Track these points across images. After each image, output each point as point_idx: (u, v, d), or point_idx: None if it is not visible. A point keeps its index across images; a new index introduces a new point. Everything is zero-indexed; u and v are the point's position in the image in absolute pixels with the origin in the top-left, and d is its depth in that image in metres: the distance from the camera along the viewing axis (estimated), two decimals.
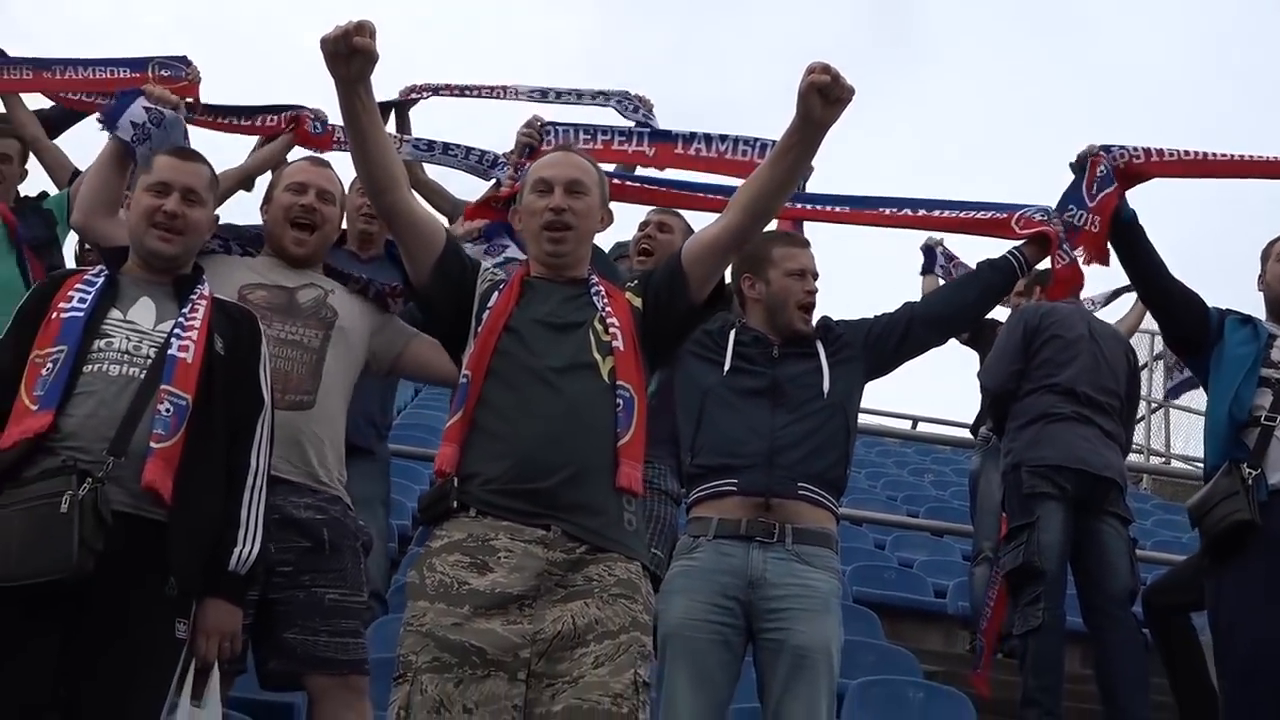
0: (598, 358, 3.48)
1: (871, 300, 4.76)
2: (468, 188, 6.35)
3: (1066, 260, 4.53)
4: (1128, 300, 7.22)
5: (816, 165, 5.53)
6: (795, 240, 4.52)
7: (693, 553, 4.20)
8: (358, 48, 3.32)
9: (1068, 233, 4.63)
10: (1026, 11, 44.62)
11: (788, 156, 3.54)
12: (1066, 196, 4.79)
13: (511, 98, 6.58)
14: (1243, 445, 4.68)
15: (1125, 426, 6.43)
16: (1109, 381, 6.20)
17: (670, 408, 4.51)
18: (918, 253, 7.28)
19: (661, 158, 5.87)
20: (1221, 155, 5.02)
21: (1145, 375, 12.69)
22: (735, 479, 4.17)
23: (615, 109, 6.51)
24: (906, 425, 15.31)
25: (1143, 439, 14.31)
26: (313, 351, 4.11)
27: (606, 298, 3.62)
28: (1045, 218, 4.55)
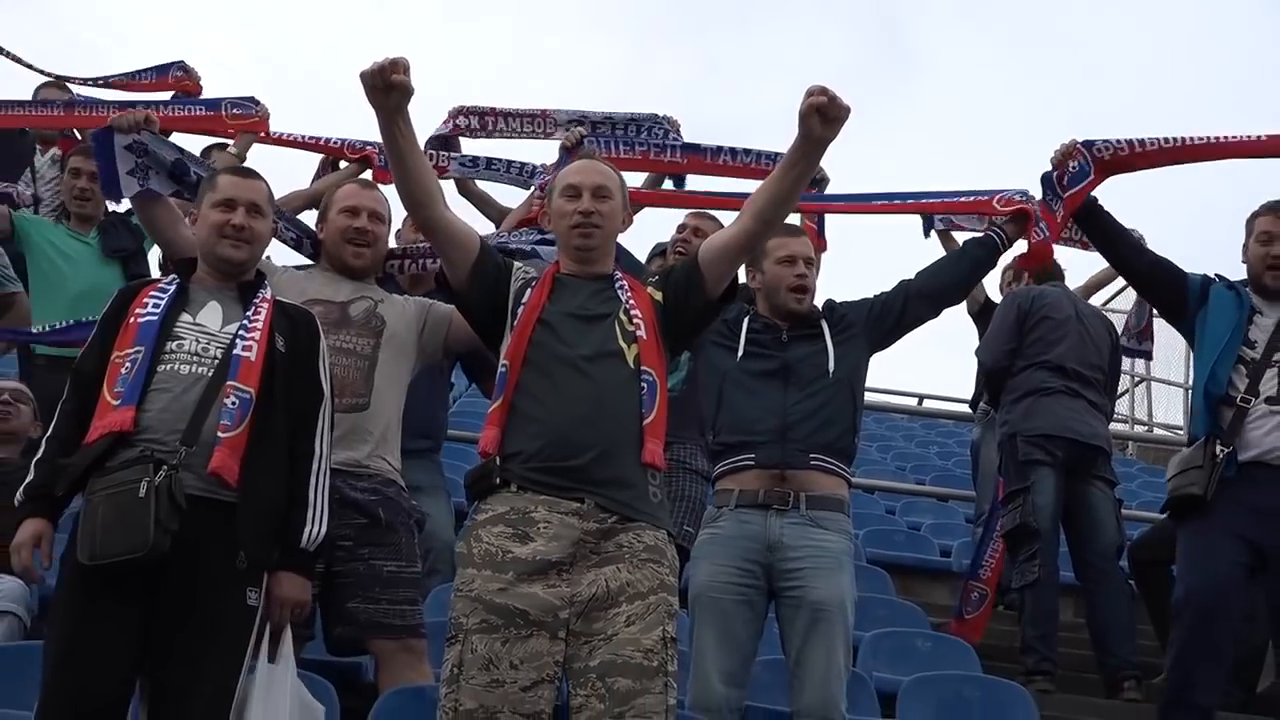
0: (623, 346, 3.47)
1: (878, 277, 4.76)
2: (514, 197, 6.34)
3: (1041, 236, 4.49)
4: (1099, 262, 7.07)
5: (831, 176, 5.61)
6: (786, 230, 4.49)
7: (717, 521, 4.19)
8: (394, 84, 3.32)
9: (1040, 209, 4.63)
10: (1013, 28, 44.33)
11: (792, 171, 3.53)
12: (1044, 187, 4.76)
13: (552, 126, 6.55)
14: (1218, 420, 4.63)
15: (1109, 398, 6.43)
16: (1094, 357, 6.20)
17: (699, 392, 4.50)
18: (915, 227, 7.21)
19: (691, 166, 5.92)
20: (1199, 139, 4.91)
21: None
22: (753, 454, 4.15)
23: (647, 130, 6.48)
24: (913, 402, 15.25)
25: (1127, 410, 14.22)
26: (365, 358, 4.14)
27: (630, 291, 3.61)
28: (1024, 198, 4.52)
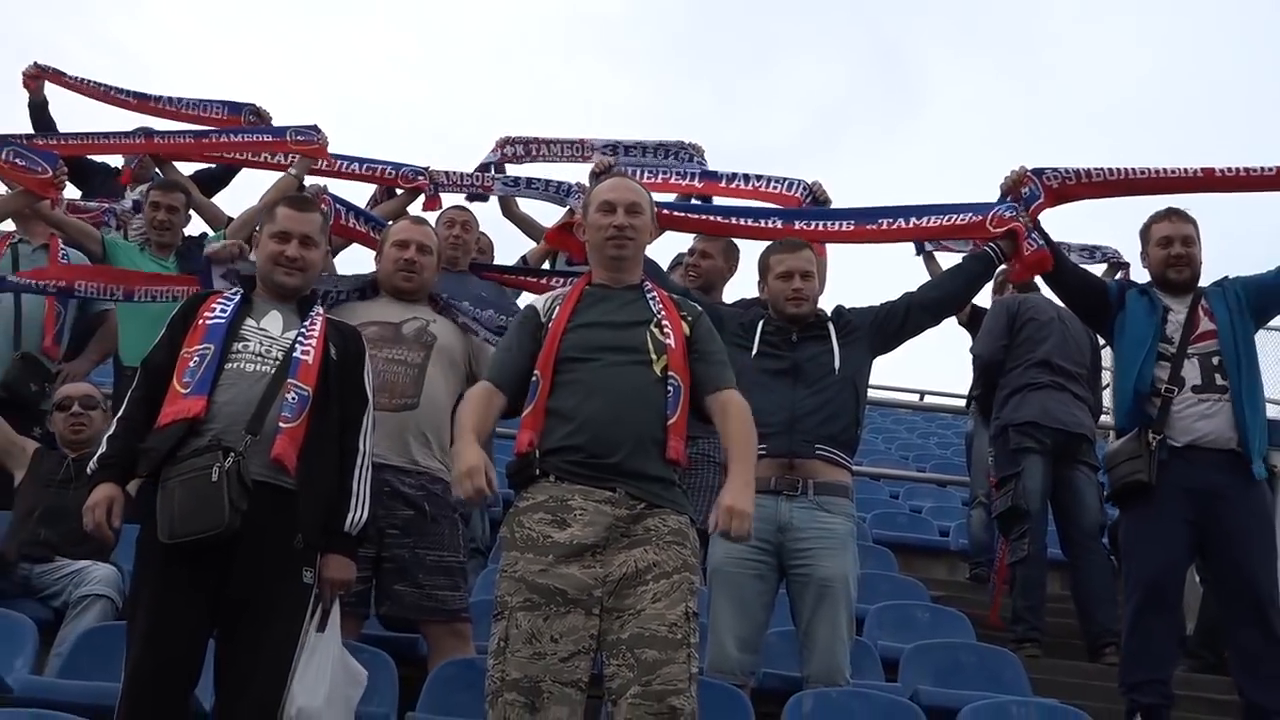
0: (653, 353, 3.45)
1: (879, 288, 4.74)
2: (552, 216, 6.34)
3: (1035, 247, 4.47)
4: None
5: (834, 198, 5.58)
6: (786, 246, 4.50)
7: None
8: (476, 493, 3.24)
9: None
10: (1009, 53, 44.05)
11: None
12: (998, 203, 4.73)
13: (589, 151, 6.56)
14: (1148, 412, 4.58)
15: (1093, 390, 6.42)
16: (1076, 354, 6.22)
17: None
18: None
19: (708, 189, 5.95)
20: (1143, 172, 4.90)
21: None
22: (764, 444, 4.11)
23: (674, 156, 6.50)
24: (915, 398, 15.14)
25: (1110, 402, 14.08)
26: (415, 366, 4.21)
27: (662, 305, 3.59)
28: (1014, 214, 4.49)
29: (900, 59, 43.79)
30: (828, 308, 4.53)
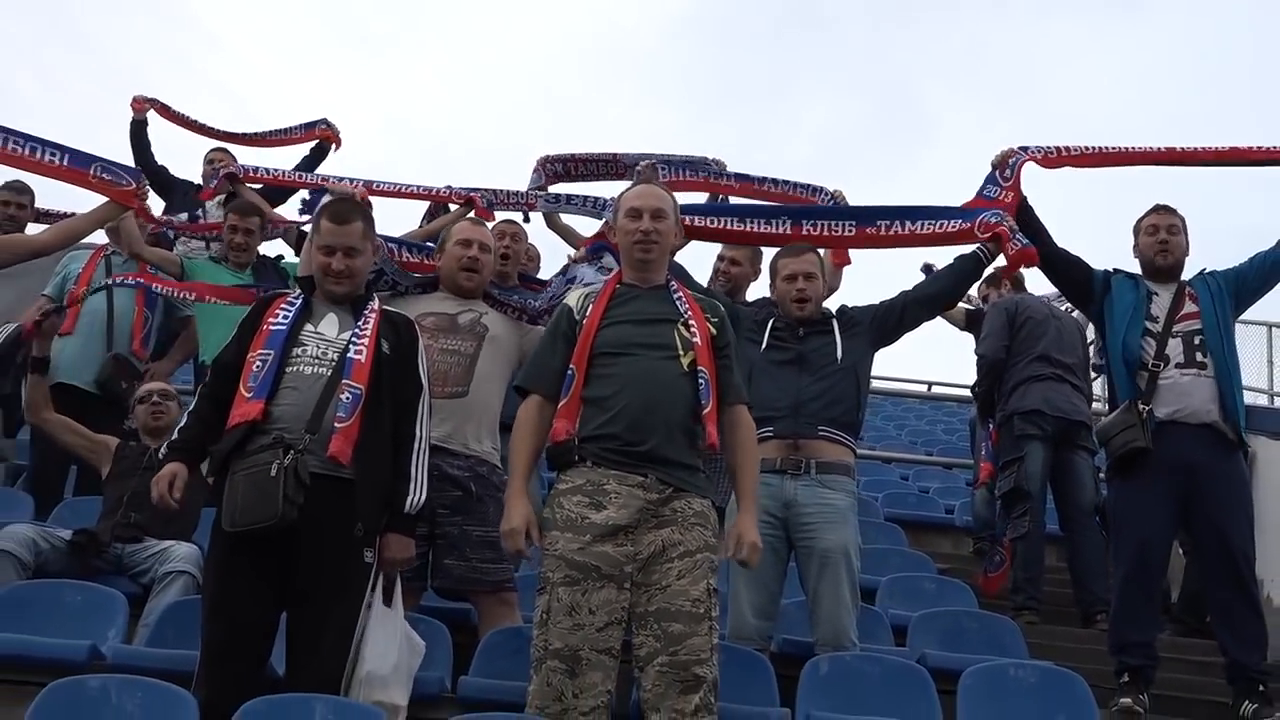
0: (680, 349, 3.43)
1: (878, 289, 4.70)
2: (591, 227, 6.32)
3: (1019, 246, 4.42)
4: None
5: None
6: (792, 251, 4.48)
7: None
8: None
9: (991, 200, 4.62)
10: (1014, 88, 43.48)
11: None
12: (987, 180, 4.73)
13: (622, 167, 6.54)
14: (1136, 384, 4.54)
15: (1086, 380, 6.41)
16: (1070, 348, 6.25)
17: None
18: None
19: (742, 190, 5.97)
20: (1123, 149, 4.92)
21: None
22: (771, 427, 4.14)
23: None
24: (923, 388, 15.05)
25: (1103, 390, 13.96)
26: (467, 356, 4.18)
27: (688, 305, 3.56)
28: (999, 219, 4.45)
29: (907, 94, 43.46)
30: (834, 308, 4.51)
